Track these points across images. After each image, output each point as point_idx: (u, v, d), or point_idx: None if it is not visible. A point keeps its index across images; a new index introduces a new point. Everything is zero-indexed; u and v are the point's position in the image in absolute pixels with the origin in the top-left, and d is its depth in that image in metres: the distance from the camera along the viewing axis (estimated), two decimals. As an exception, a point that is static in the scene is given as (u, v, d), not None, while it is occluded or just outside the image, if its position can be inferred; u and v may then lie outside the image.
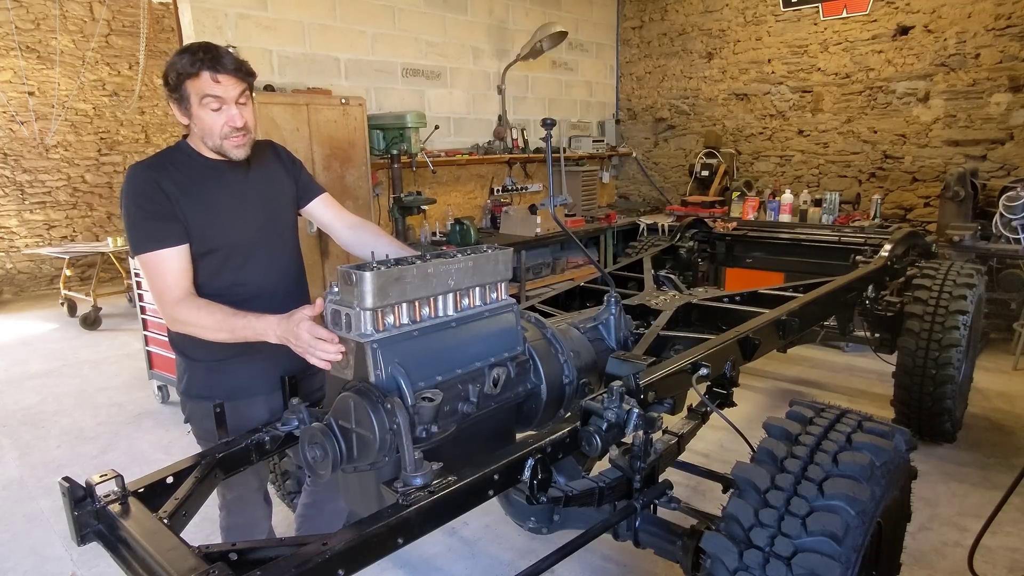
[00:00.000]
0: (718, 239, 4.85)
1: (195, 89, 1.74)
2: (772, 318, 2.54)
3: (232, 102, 1.77)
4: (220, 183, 1.88)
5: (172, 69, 1.75)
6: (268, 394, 2.02)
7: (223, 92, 1.75)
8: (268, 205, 1.98)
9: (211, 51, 1.74)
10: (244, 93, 1.80)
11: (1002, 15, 5.22)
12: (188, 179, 1.83)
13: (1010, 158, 5.34)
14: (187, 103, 1.77)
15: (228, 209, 1.88)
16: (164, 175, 1.80)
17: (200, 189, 1.84)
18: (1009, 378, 4.61)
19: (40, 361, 5.68)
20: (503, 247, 1.79)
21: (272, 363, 1.96)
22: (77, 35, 8.39)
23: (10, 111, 7.98)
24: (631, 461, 1.69)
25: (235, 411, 1.95)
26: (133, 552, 1.34)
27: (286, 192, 2.06)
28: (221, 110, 1.77)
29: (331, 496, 2.27)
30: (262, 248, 1.96)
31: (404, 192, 4.93)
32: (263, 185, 1.98)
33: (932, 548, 2.73)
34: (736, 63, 6.84)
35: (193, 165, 1.85)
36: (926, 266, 3.65)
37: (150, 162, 1.85)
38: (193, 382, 1.98)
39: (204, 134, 1.81)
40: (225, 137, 1.80)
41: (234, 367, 1.94)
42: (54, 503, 3.28)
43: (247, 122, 1.82)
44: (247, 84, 1.81)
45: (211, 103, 1.75)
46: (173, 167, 1.83)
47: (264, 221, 1.96)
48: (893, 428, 1.55)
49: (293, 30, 4.78)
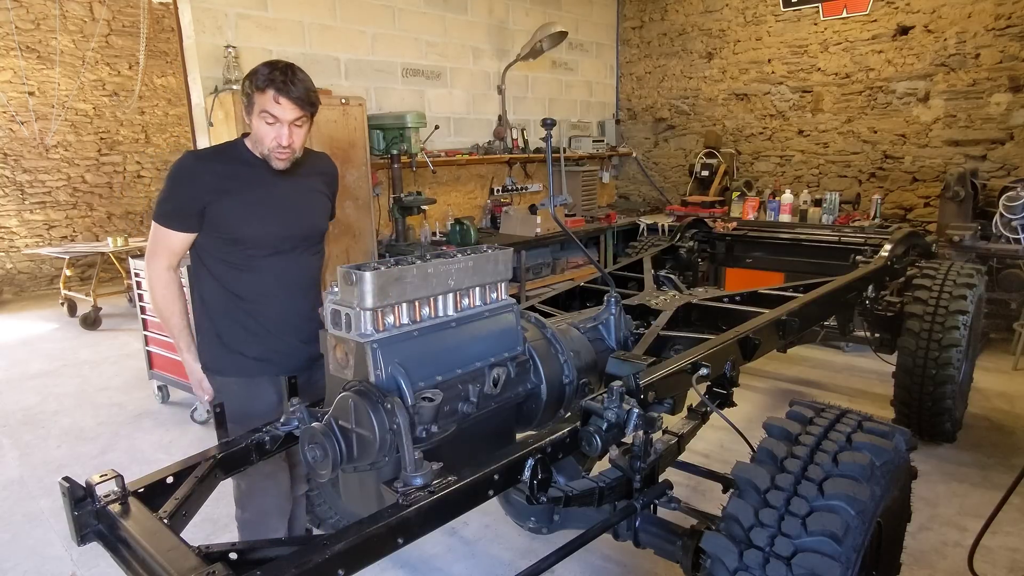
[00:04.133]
0: (718, 239, 4.85)
1: (259, 102, 1.93)
2: (772, 318, 2.54)
3: (287, 123, 1.95)
4: (261, 182, 2.06)
5: (250, 77, 1.94)
6: (274, 375, 2.16)
7: (280, 114, 1.93)
8: (301, 210, 2.15)
9: (287, 74, 1.91)
10: (301, 118, 1.98)
11: (1002, 15, 5.22)
12: (232, 171, 2.03)
13: (1010, 158, 5.34)
14: (251, 109, 1.97)
15: (263, 206, 2.05)
16: (208, 167, 2.02)
17: (240, 183, 2.03)
18: (1009, 378, 4.61)
19: (40, 361, 5.68)
20: (503, 247, 1.79)
21: (278, 347, 2.15)
22: (77, 35, 8.39)
23: (10, 111, 7.98)
24: (631, 461, 1.69)
25: (246, 388, 2.13)
26: (133, 552, 1.34)
27: (321, 206, 2.24)
28: (274, 126, 1.95)
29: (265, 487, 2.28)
30: (288, 247, 2.12)
31: (404, 192, 4.93)
32: (301, 192, 2.15)
33: (932, 548, 2.73)
34: (736, 63, 6.84)
35: (241, 161, 2.05)
36: (926, 266, 3.65)
37: (201, 153, 2.13)
38: (207, 353, 2.17)
39: (255, 140, 2.03)
40: (271, 150, 1.99)
41: (245, 345, 2.12)
42: (54, 503, 3.28)
43: (294, 143, 2.00)
44: (307, 112, 1.99)
45: (267, 118, 1.94)
46: (220, 160, 2.05)
47: (294, 224, 2.13)
48: (893, 428, 1.55)
49: (293, 30, 4.78)
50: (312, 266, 2.25)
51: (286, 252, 2.12)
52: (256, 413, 2.08)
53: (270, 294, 2.11)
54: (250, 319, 2.11)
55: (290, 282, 2.15)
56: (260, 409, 2.11)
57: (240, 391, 2.11)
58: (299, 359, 2.18)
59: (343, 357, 1.54)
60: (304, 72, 1.98)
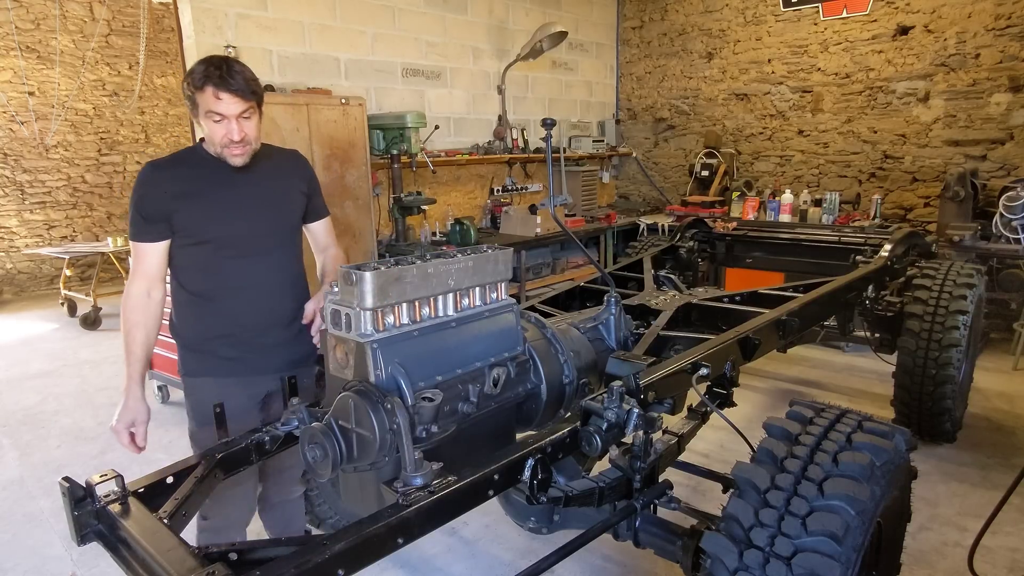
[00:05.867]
0: (718, 239, 4.85)
1: (201, 101, 1.88)
2: (772, 318, 2.54)
3: (233, 117, 1.90)
4: (223, 183, 2.02)
5: (187, 78, 1.90)
6: (248, 377, 2.12)
7: (224, 109, 1.88)
8: (269, 209, 2.11)
9: (221, 68, 1.86)
10: (249, 109, 1.93)
11: (1002, 15, 5.22)
12: (194, 175, 2.00)
13: (1010, 158, 5.34)
14: (197, 112, 1.92)
15: (226, 206, 2.02)
16: (170, 174, 1.99)
17: (203, 185, 2.00)
18: (1009, 378, 4.61)
19: (40, 361, 5.68)
20: (503, 247, 1.79)
21: (252, 349, 2.10)
22: (77, 35, 8.39)
23: (10, 111, 7.98)
24: (631, 461, 1.69)
25: (217, 388, 2.06)
26: (133, 552, 1.34)
27: (295, 200, 2.19)
28: (222, 122, 1.90)
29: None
30: (257, 246, 2.08)
31: (404, 192, 4.93)
32: (268, 190, 2.10)
33: (932, 548, 2.73)
34: (736, 63, 6.84)
35: (202, 164, 2.01)
36: (926, 266, 3.65)
37: (161, 162, 2.04)
38: (183, 360, 2.16)
39: (208, 141, 1.99)
40: (224, 147, 1.94)
41: (217, 347, 2.09)
42: (54, 503, 3.28)
43: (247, 135, 1.95)
44: (252, 102, 1.93)
45: (213, 116, 1.89)
46: (183, 166, 2.02)
47: (262, 222, 2.09)
48: (893, 428, 1.55)
49: (293, 30, 4.78)
50: (287, 264, 2.18)
51: (256, 251, 2.07)
52: (244, 418, 2.04)
53: (242, 295, 2.07)
54: (221, 321, 2.06)
55: (262, 281, 2.10)
56: (232, 412, 2.02)
57: (212, 392, 2.04)
58: (276, 361, 2.13)
59: (343, 357, 1.54)
60: (242, 63, 1.93)
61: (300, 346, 2.18)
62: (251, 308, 2.08)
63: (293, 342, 2.17)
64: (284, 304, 2.15)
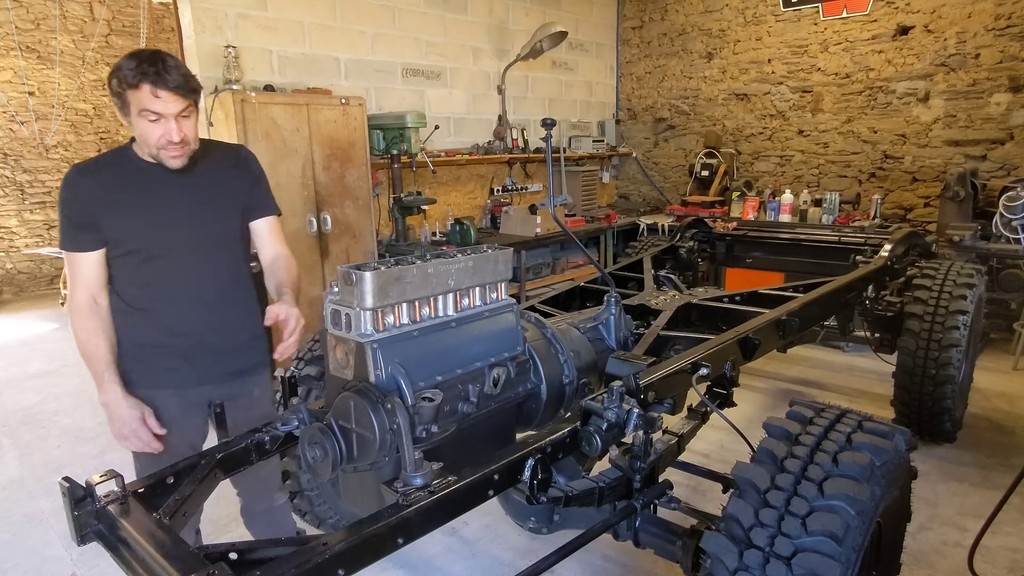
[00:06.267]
0: (718, 239, 4.86)
1: (135, 100, 1.73)
2: (772, 318, 2.54)
3: (172, 117, 1.76)
4: (155, 188, 1.87)
5: (116, 75, 1.74)
6: (191, 387, 2.01)
7: (162, 108, 1.74)
8: (206, 211, 1.96)
9: (156, 64, 1.71)
10: (187, 108, 1.79)
11: (1002, 15, 5.21)
12: (123, 181, 1.85)
13: (1010, 158, 5.34)
14: (127, 110, 1.77)
15: (158, 213, 1.88)
16: (96, 179, 1.83)
17: (132, 192, 1.85)
18: (1009, 378, 4.61)
19: (40, 361, 5.68)
20: (503, 247, 1.79)
21: (195, 358, 1.99)
22: (77, 35, 8.39)
23: (10, 111, 7.98)
24: (631, 461, 1.69)
25: (159, 401, 1.96)
26: (133, 552, 1.34)
27: (234, 201, 2.04)
28: (159, 122, 1.76)
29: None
30: (193, 253, 1.94)
31: (404, 192, 4.93)
32: (205, 192, 1.96)
33: (932, 548, 2.73)
34: (736, 63, 6.84)
35: (131, 169, 1.87)
36: (926, 266, 3.65)
37: (86, 166, 1.88)
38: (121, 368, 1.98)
39: (140, 142, 1.83)
40: (161, 148, 1.80)
41: (157, 358, 1.96)
42: (54, 503, 3.28)
43: (186, 136, 1.81)
44: (191, 100, 1.80)
45: (148, 116, 1.75)
46: (110, 170, 1.86)
47: (202, 227, 1.94)
48: (893, 428, 1.55)
49: (293, 30, 4.77)
50: (232, 269, 2.05)
51: (196, 257, 1.94)
52: (177, 429, 1.97)
53: (181, 303, 1.94)
54: (162, 333, 1.94)
55: (204, 289, 1.97)
56: (170, 424, 1.96)
57: (152, 404, 1.94)
58: (224, 371, 2.03)
59: (343, 357, 1.54)
60: (175, 58, 1.79)
61: (251, 353, 2.10)
62: (192, 317, 1.95)
63: (240, 350, 2.07)
64: (228, 311, 2.03)
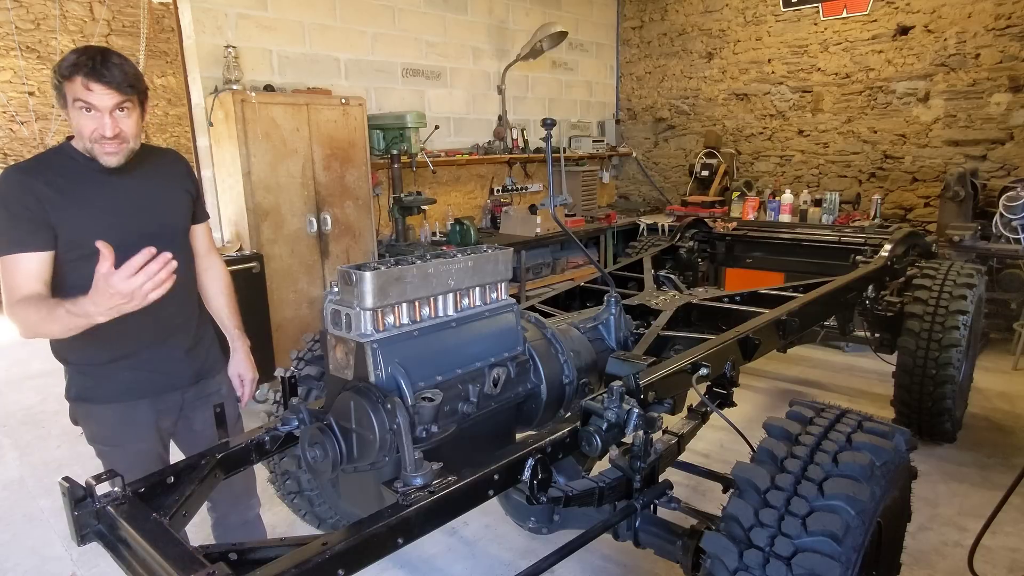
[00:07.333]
0: (718, 239, 4.85)
1: (70, 91, 1.72)
2: (772, 318, 2.54)
3: (106, 111, 1.73)
4: (97, 185, 1.84)
5: (56, 67, 1.72)
6: (154, 396, 2.00)
7: (96, 101, 1.71)
8: (150, 213, 1.93)
9: (95, 59, 1.69)
10: (126, 103, 1.76)
11: (1002, 15, 5.21)
12: (65, 181, 1.80)
13: (1010, 158, 5.34)
14: (64, 102, 1.75)
15: (104, 212, 1.84)
16: (39, 178, 1.78)
17: (76, 191, 1.81)
18: (1009, 378, 4.61)
19: (40, 361, 5.67)
20: (503, 247, 1.79)
21: (154, 366, 1.97)
22: (77, 35, 8.39)
23: (10, 111, 7.98)
24: (631, 461, 1.69)
25: (121, 414, 1.94)
26: (133, 552, 1.34)
27: (179, 203, 2.04)
28: (92, 114, 1.73)
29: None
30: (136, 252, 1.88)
31: (404, 192, 4.93)
32: (148, 192, 1.94)
33: (932, 548, 2.73)
34: (736, 63, 6.84)
35: (72, 166, 1.83)
36: (926, 266, 3.65)
37: (26, 165, 1.83)
38: (75, 385, 1.97)
39: (76, 136, 1.81)
40: (95, 142, 1.77)
41: (115, 371, 1.93)
42: (54, 503, 3.28)
43: (122, 132, 1.77)
44: (130, 96, 1.76)
45: (81, 106, 1.72)
46: (51, 169, 1.81)
47: (144, 228, 1.89)
48: (893, 428, 1.55)
49: (293, 30, 4.78)
50: (183, 271, 1.88)
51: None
52: (132, 439, 1.96)
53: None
54: (110, 340, 1.86)
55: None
56: (137, 435, 1.96)
57: (114, 417, 1.92)
58: (181, 375, 2.03)
59: (343, 357, 1.54)
60: (122, 56, 1.76)
61: (207, 351, 2.13)
62: (145, 323, 1.86)
63: (196, 350, 2.08)
64: (181, 313, 2.02)
